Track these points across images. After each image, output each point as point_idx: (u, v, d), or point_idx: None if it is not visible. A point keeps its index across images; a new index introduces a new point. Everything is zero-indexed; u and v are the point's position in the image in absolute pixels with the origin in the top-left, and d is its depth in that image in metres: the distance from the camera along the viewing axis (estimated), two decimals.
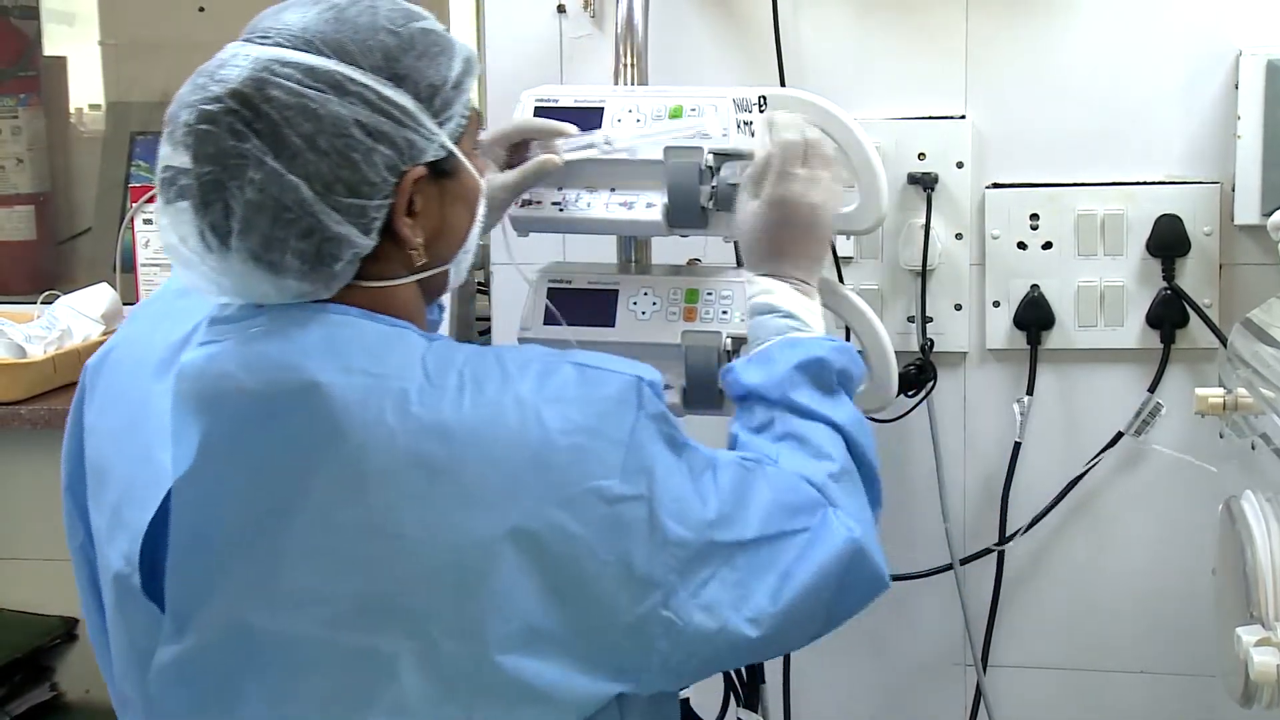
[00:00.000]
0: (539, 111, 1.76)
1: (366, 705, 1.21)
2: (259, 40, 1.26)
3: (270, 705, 1.23)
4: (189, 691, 1.26)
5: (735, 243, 1.75)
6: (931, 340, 2.12)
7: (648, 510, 1.24)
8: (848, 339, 2.07)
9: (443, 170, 1.31)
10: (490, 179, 1.66)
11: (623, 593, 1.23)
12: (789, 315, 1.52)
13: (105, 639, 1.40)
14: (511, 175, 1.68)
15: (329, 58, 1.24)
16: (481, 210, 1.39)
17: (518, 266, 1.75)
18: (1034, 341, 2.12)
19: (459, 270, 1.40)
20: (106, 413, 1.37)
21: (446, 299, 1.89)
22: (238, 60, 1.24)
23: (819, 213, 1.55)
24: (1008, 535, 2.15)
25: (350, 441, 1.20)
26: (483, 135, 1.67)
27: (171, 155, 1.24)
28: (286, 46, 1.24)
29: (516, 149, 1.71)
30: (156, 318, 1.38)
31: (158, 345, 1.32)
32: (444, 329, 2.25)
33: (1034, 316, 2.11)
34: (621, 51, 1.96)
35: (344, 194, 1.24)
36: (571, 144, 1.69)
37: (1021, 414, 2.12)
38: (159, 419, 1.26)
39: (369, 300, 1.30)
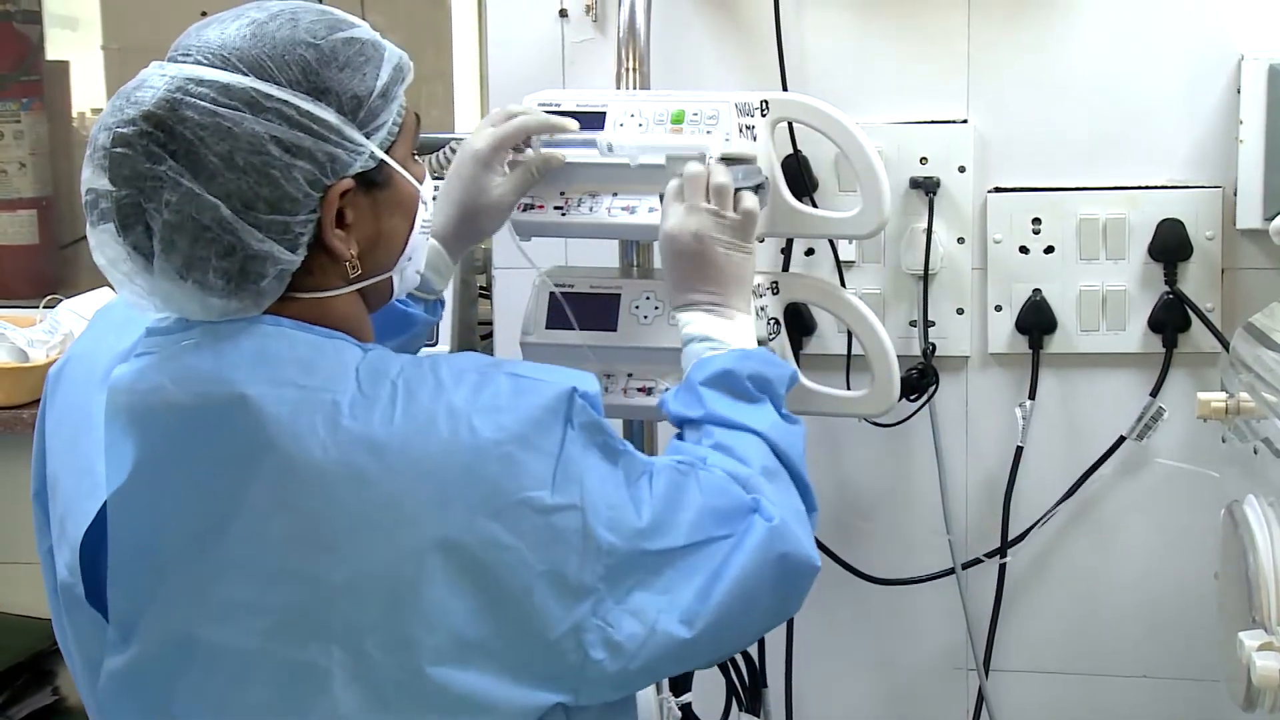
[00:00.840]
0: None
1: (302, 717, 1.22)
2: (179, 58, 1.26)
3: (212, 715, 1.24)
4: (133, 701, 1.27)
5: None
6: (933, 344, 2.12)
7: (580, 520, 1.24)
8: (849, 343, 2.08)
9: (374, 181, 1.31)
10: (496, 183, 1.66)
11: (555, 602, 1.23)
12: (704, 339, 1.53)
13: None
14: (515, 176, 1.68)
15: (245, 75, 1.24)
16: (423, 216, 1.38)
17: (533, 266, 1.76)
18: (1036, 346, 2.11)
19: (404, 277, 1.39)
20: (60, 423, 1.38)
21: (448, 298, 1.89)
22: (153, 81, 1.24)
23: (702, 240, 1.54)
24: (1010, 540, 2.15)
25: (280, 454, 1.20)
26: (483, 140, 1.67)
27: (92, 178, 1.24)
28: (204, 64, 1.24)
29: (517, 149, 1.70)
30: (108, 328, 1.38)
31: (103, 356, 1.33)
32: (444, 333, 2.26)
33: (1036, 321, 2.11)
34: (624, 55, 1.96)
35: (265, 211, 1.23)
36: (573, 142, 1.69)
37: (1023, 418, 2.12)
38: (99, 431, 1.27)
39: (306, 311, 1.29)
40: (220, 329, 1.26)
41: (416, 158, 1.39)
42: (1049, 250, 2.10)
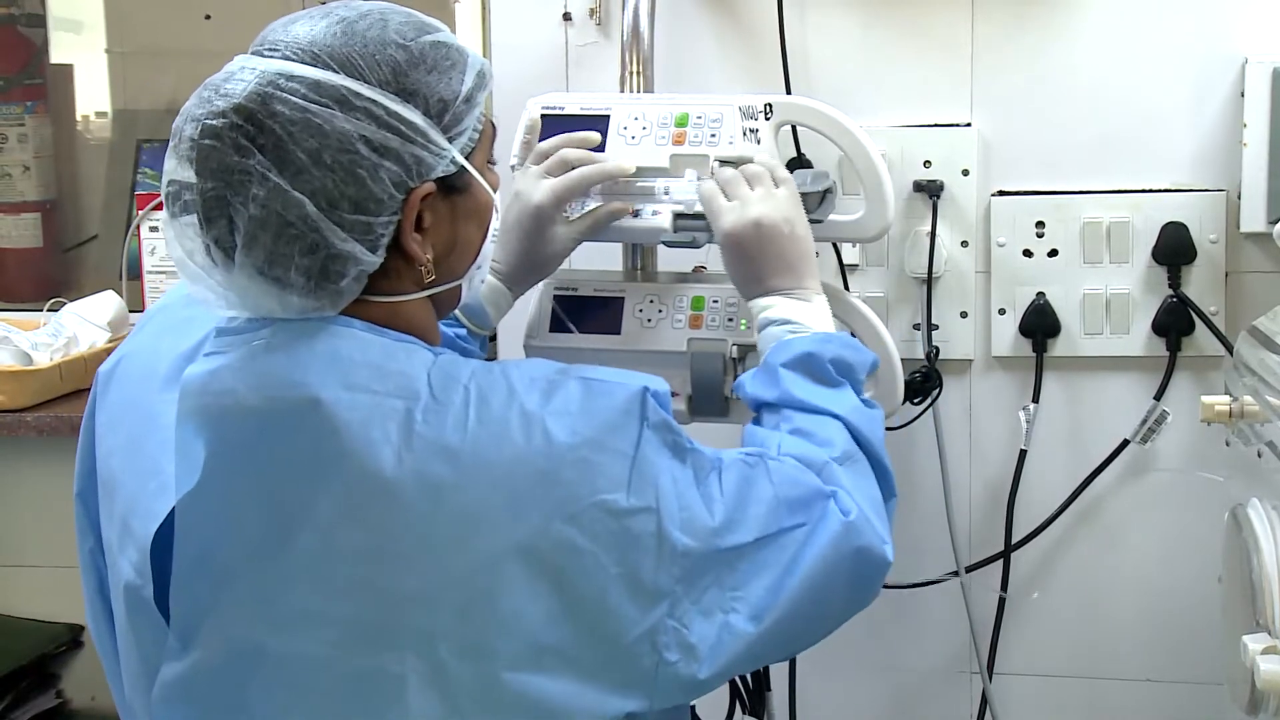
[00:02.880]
0: (545, 120, 1.77)
1: None
2: (267, 53, 1.25)
3: None
4: (193, 709, 1.26)
5: None
6: (937, 348, 2.12)
7: (655, 522, 1.23)
8: None
9: (453, 186, 1.30)
10: (559, 234, 1.67)
11: (631, 605, 1.22)
12: (785, 321, 1.53)
13: (112, 647, 1.39)
14: (581, 226, 1.69)
15: (336, 72, 1.23)
16: (494, 225, 1.38)
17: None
18: (1040, 349, 2.11)
19: (471, 285, 1.39)
20: (115, 424, 1.36)
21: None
22: (243, 74, 1.23)
23: (766, 226, 1.56)
24: (1013, 543, 2.15)
25: (354, 461, 1.19)
26: (544, 195, 1.66)
27: (176, 169, 1.23)
28: (294, 60, 1.23)
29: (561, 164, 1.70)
30: (164, 327, 1.37)
31: (165, 355, 1.32)
32: None
33: (1040, 324, 2.11)
34: (627, 59, 1.96)
35: (349, 210, 1.22)
36: (632, 191, 1.70)
37: (1027, 421, 2.12)
38: (166, 431, 1.25)
39: (377, 314, 1.29)
40: (292, 329, 1.25)
41: (493, 166, 1.39)
42: (1053, 254, 2.10)
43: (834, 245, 2.11)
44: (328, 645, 1.20)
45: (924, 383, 2.09)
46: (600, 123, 1.74)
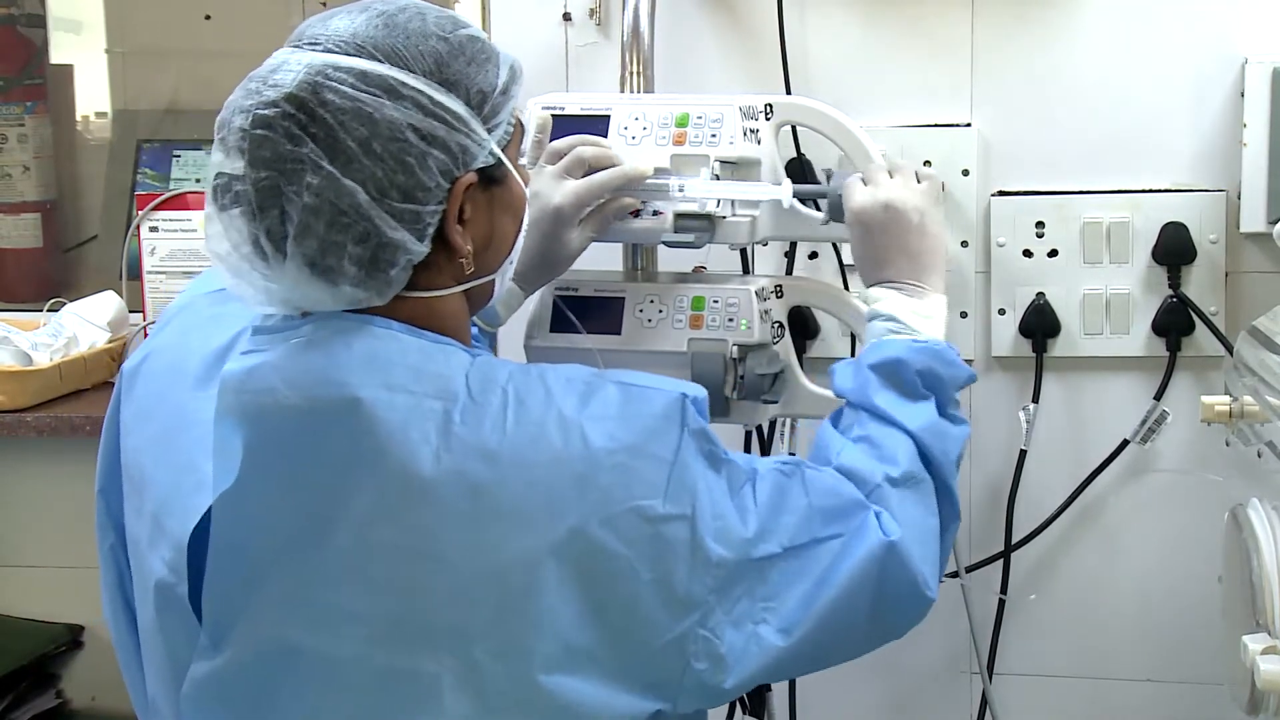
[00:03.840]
0: (539, 120, 1.76)
1: None
2: (308, 46, 1.25)
3: None
4: (224, 708, 1.26)
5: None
6: None
7: (690, 530, 1.23)
8: (853, 346, 2.08)
9: (492, 178, 1.31)
10: (576, 235, 1.67)
11: (662, 612, 1.23)
12: (889, 318, 1.53)
13: (132, 644, 1.39)
14: (594, 225, 1.68)
15: (382, 62, 1.24)
16: (527, 219, 1.38)
17: None
18: (1039, 349, 2.11)
19: (503, 280, 1.39)
20: (143, 420, 1.36)
21: None
22: (290, 66, 1.23)
23: (895, 210, 1.56)
24: (1013, 543, 2.15)
25: (392, 460, 1.19)
26: (564, 198, 1.65)
27: (225, 161, 1.23)
28: (338, 52, 1.24)
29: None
30: (191, 324, 1.37)
31: (195, 352, 1.32)
32: None
33: (1039, 324, 2.11)
34: (627, 59, 1.96)
35: (399, 199, 1.23)
36: (646, 190, 1.70)
37: (1027, 422, 2.12)
38: (201, 428, 1.25)
39: (415, 311, 1.29)
40: (330, 328, 1.25)
41: (524, 161, 1.39)
42: (1053, 254, 2.10)
43: (834, 246, 2.11)
44: (362, 643, 1.20)
45: None
46: (600, 123, 1.74)
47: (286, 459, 1.22)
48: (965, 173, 2.10)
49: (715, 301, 1.77)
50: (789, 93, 2.09)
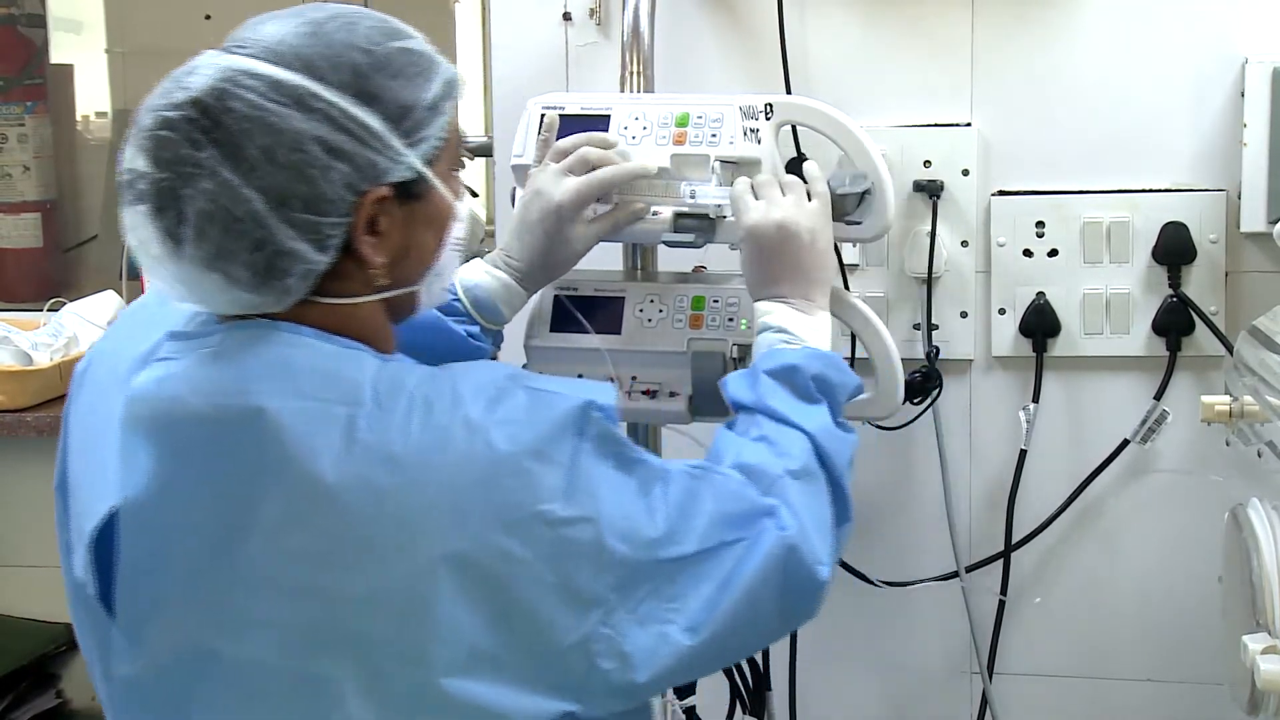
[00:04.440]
0: (545, 119, 1.76)
1: None
2: (234, 49, 1.26)
3: None
4: (144, 711, 1.28)
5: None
6: (937, 348, 2.12)
7: (593, 531, 1.24)
8: (853, 346, 2.08)
9: (411, 192, 1.30)
10: (578, 234, 1.67)
11: (566, 613, 1.23)
12: (781, 330, 1.54)
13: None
14: (601, 227, 1.68)
15: (297, 72, 1.24)
16: (453, 234, 1.37)
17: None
18: (1040, 349, 2.12)
19: (430, 293, 1.39)
20: (82, 421, 1.37)
21: None
22: (203, 69, 1.24)
23: (788, 231, 1.57)
24: (1013, 543, 2.15)
25: (297, 467, 1.20)
26: (565, 194, 1.65)
27: (132, 158, 1.24)
28: (258, 58, 1.24)
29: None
30: (134, 327, 1.37)
31: (126, 356, 1.32)
32: None
33: (1040, 324, 2.11)
34: (627, 59, 1.96)
35: (299, 209, 1.23)
36: (654, 194, 1.70)
37: (1027, 421, 2.12)
38: (116, 433, 1.27)
39: (328, 318, 1.29)
40: (242, 335, 1.26)
41: (459, 175, 1.38)
42: (1053, 253, 2.10)
43: (834, 245, 2.10)
44: (273, 649, 1.21)
45: (924, 383, 2.09)
46: (601, 123, 1.74)
47: (195, 467, 1.22)
48: (965, 172, 2.10)
49: (715, 301, 1.77)
50: (789, 92, 2.09)
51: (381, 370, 1.25)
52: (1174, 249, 2.06)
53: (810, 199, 1.61)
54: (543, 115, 1.77)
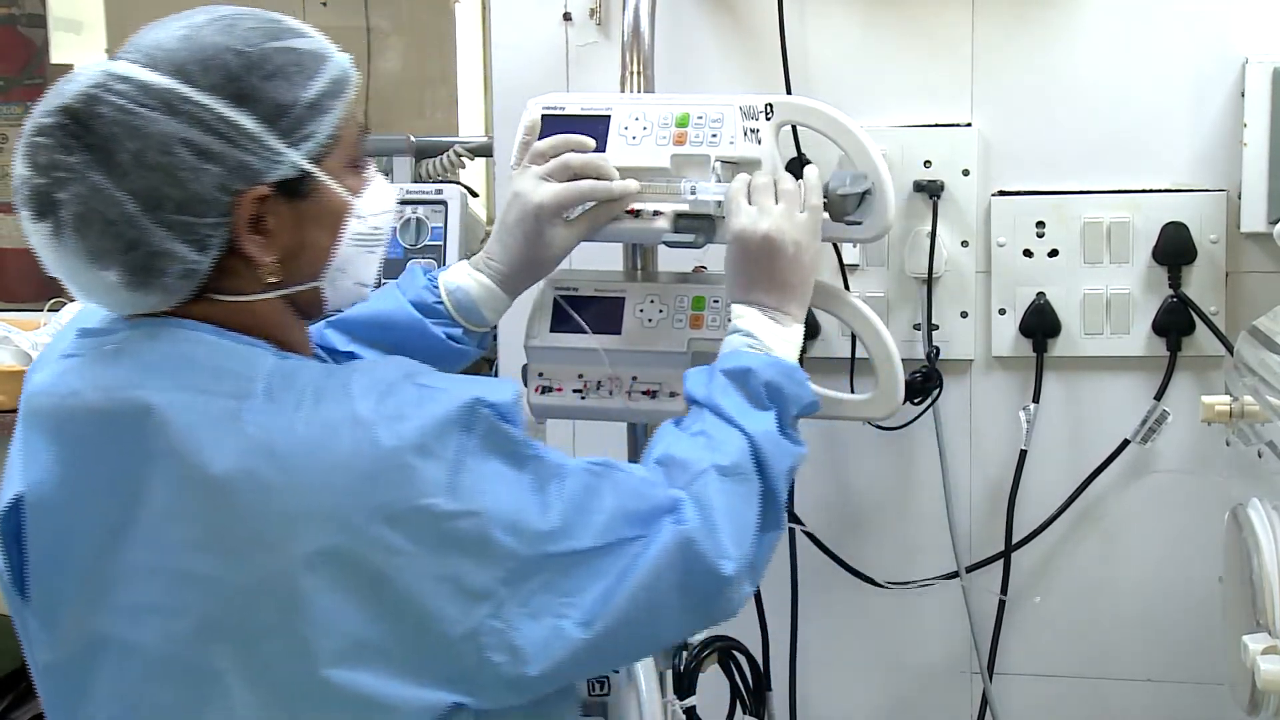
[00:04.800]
0: (546, 120, 1.76)
1: (201, 718, 1.24)
2: (122, 55, 1.28)
3: (124, 715, 1.27)
4: (59, 697, 1.32)
5: None
6: (937, 348, 2.12)
7: (479, 525, 1.25)
8: (854, 346, 2.08)
9: (298, 190, 1.31)
10: (559, 235, 1.67)
11: (453, 606, 1.24)
12: (748, 334, 1.55)
13: None
14: (579, 228, 1.69)
15: (167, 76, 1.26)
16: (349, 230, 1.37)
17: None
18: (1040, 349, 2.12)
19: (338, 289, 1.39)
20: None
21: None
22: (82, 75, 1.26)
23: (773, 243, 1.57)
24: (1014, 543, 2.15)
25: (184, 460, 1.22)
26: (546, 198, 1.66)
27: (18, 164, 1.28)
28: (135, 63, 1.27)
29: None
30: (69, 326, 1.41)
31: (56, 350, 1.37)
32: None
33: (1040, 324, 2.11)
34: (628, 59, 1.96)
35: (172, 211, 1.25)
36: (658, 193, 1.70)
37: (1027, 422, 2.12)
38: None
39: (230, 315, 1.31)
40: (142, 332, 1.30)
41: (362, 169, 1.39)
42: (1053, 254, 2.10)
43: (834, 245, 2.11)
44: (161, 638, 1.24)
45: (924, 383, 2.09)
46: (601, 123, 1.74)
47: (88, 460, 1.26)
48: (965, 173, 2.10)
49: (715, 301, 1.77)
50: (789, 92, 2.09)
51: (277, 366, 1.28)
52: (1174, 249, 2.06)
53: (804, 209, 1.61)
54: (550, 119, 1.77)
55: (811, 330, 2.15)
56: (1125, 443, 2.11)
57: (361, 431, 1.23)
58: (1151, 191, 2.07)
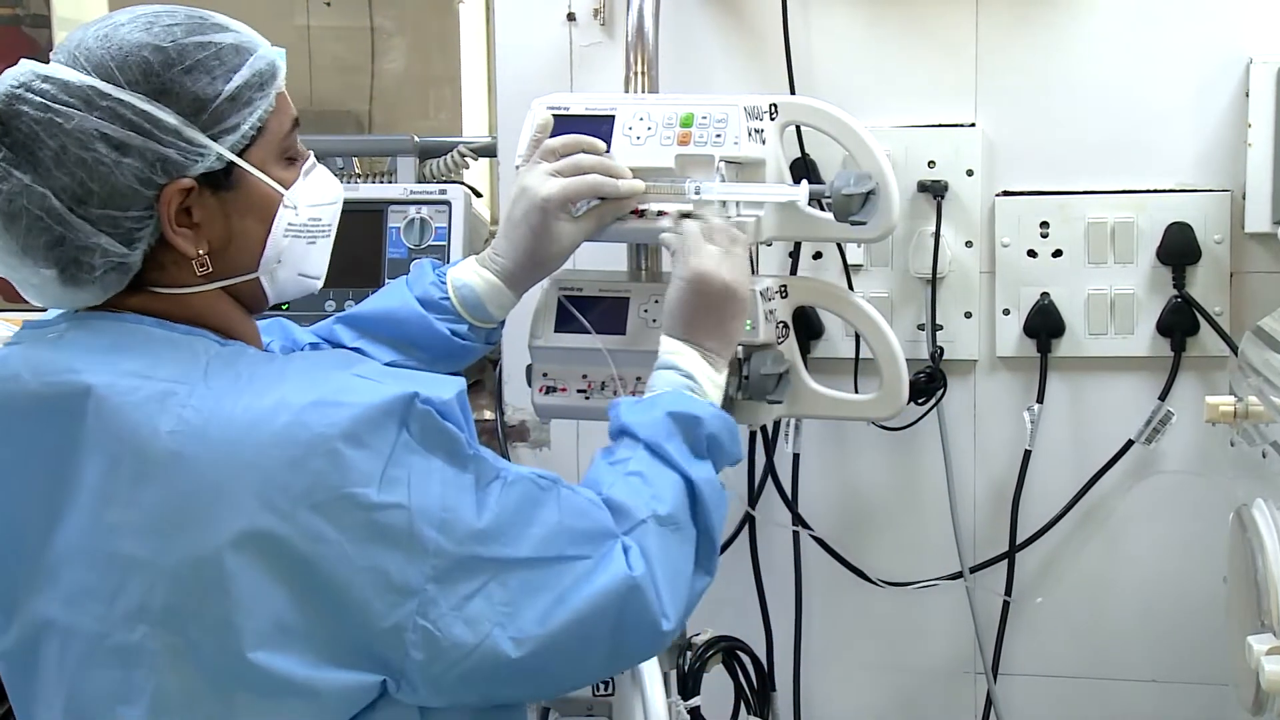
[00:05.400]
0: (555, 120, 1.76)
1: (134, 700, 1.25)
2: (53, 56, 1.31)
3: (66, 698, 1.28)
4: (14, 685, 1.34)
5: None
6: (941, 348, 2.12)
7: (407, 519, 1.25)
8: (858, 346, 2.08)
9: (224, 183, 1.33)
10: (565, 230, 1.66)
11: (377, 599, 1.25)
12: (687, 375, 1.54)
13: None
14: (587, 224, 1.68)
15: (87, 74, 1.28)
16: (282, 221, 1.38)
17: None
18: (1044, 349, 2.12)
19: (277, 280, 1.40)
20: None
21: None
22: (9, 76, 1.29)
23: (731, 292, 1.56)
24: (1018, 543, 2.15)
25: (118, 443, 1.24)
26: (552, 191, 1.65)
27: None
28: (60, 63, 1.30)
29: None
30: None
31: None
32: None
33: (1044, 324, 2.11)
34: (632, 59, 1.96)
35: (97, 205, 1.28)
36: (660, 192, 1.70)
37: (1032, 422, 2.12)
38: None
39: (171, 307, 1.34)
40: (85, 323, 1.33)
41: (297, 160, 1.40)
42: (1057, 254, 2.10)
43: (838, 245, 2.11)
44: (95, 619, 1.26)
45: (928, 383, 2.09)
46: (605, 123, 1.74)
47: (29, 443, 1.29)
48: (970, 173, 2.10)
49: None
50: (793, 93, 2.09)
51: (217, 353, 1.30)
52: (1178, 249, 2.06)
53: (734, 243, 1.60)
54: (557, 119, 1.77)
55: (815, 330, 2.16)
56: (1129, 443, 2.11)
57: (293, 416, 1.24)
58: (1156, 192, 2.07)
